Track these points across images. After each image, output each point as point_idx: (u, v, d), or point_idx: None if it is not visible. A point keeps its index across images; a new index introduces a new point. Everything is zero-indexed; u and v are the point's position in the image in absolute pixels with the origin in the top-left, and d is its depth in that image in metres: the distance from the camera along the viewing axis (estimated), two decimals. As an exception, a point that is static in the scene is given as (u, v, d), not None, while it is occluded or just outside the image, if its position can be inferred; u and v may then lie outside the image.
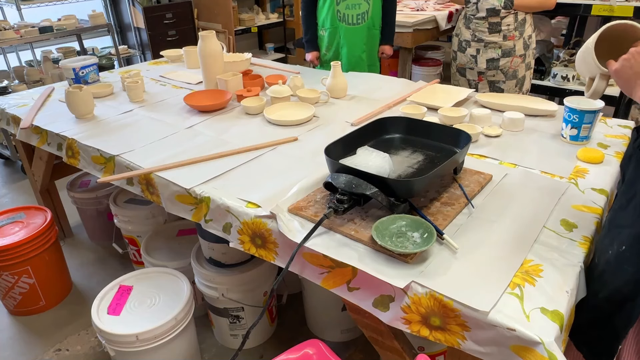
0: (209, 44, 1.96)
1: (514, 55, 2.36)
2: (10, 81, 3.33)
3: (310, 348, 1.05)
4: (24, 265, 1.94)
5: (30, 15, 3.48)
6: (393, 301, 0.99)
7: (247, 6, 4.77)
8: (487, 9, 2.30)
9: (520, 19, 2.30)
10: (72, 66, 2.18)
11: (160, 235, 2.00)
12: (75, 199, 2.37)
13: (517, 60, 2.37)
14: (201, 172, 1.40)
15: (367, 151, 1.23)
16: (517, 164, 1.39)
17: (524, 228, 1.10)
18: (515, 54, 2.36)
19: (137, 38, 4.16)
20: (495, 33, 2.32)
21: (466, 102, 1.90)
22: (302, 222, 1.14)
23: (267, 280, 1.74)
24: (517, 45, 2.34)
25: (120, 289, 1.62)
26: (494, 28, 2.32)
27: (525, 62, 2.40)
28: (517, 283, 0.94)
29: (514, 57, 2.36)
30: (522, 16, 2.31)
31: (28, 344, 1.90)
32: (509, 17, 2.29)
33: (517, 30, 2.31)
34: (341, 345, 1.82)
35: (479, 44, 2.38)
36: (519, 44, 2.34)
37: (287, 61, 4.80)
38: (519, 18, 2.30)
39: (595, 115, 1.46)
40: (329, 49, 2.60)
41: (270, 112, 1.77)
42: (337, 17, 2.49)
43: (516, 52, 2.35)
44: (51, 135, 1.80)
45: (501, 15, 2.29)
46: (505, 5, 2.26)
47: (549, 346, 0.82)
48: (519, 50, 2.36)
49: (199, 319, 1.91)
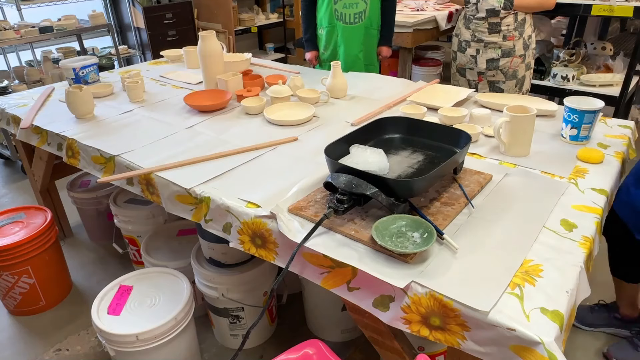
0: (209, 44, 1.96)
1: (514, 56, 2.35)
2: (10, 81, 3.33)
3: (310, 348, 1.05)
4: (24, 265, 1.94)
5: (30, 15, 3.48)
6: (393, 301, 0.99)
7: (247, 6, 4.77)
8: (487, 10, 2.29)
9: (520, 19, 2.30)
10: (72, 66, 2.18)
11: (160, 235, 2.00)
12: (75, 199, 2.37)
13: (517, 60, 2.36)
14: (201, 172, 1.40)
15: (360, 149, 1.23)
16: (517, 164, 1.39)
17: (524, 228, 1.10)
18: (515, 54, 2.35)
19: (137, 38, 4.16)
20: (495, 33, 2.32)
21: (466, 102, 1.90)
22: (302, 222, 1.14)
23: (267, 280, 1.74)
24: (517, 45, 2.33)
25: (120, 289, 1.62)
26: (493, 28, 2.31)
27: (525, 62, 2.39)
28: (517, 283, 0.94)
29: (514, 57, 2.35)
30: (522, 16, 2.30)
31: (28, 344, 1.90)
32: (508, 18, 2.29)
33: (517, 31, 2.31)
34: (341, 345, 1.82)
35: (479, 44, 2.37)
36: (519, 44, 2.33)
37: (287, 61, 4.80)
38: (518, 18, 2.30)
39: (595, 115, 1.46)
40: (327, 48, 2.60)
41: (270, 112, 1.77)
42: (335, 15, 2.50)
43: (516, 52, 2.34)
44: (51, 135, 1.80)
45: (501, 16, 2.28)
46: (505, 6, 2.25)
47: (549, 346, 0.82)
48: (519, 51, 2.35)
49: (199, 319, 1.91)
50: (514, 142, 1.42)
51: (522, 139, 1.42)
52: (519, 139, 1.41)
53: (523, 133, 1.41)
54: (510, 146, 1.43)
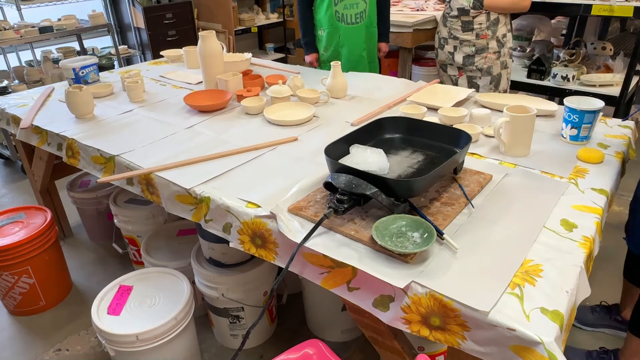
0: (209, 44, 1.96)
1: (488, 52, 2.40)
2: (10, 81, 3.33)
3: (310, 348, 1.05)
4: (24, 265, 1.94)
5: (30, 15, 3.48)
6: (393, 301, 0.99)
7: (247, 6, 4.77)
8: (458, 8, 2.37)
9: (492, 18, 2.34)
10: (72, 66, 2.18)
11: (160, 235, 2.00)
12: (75, 199, 2.37)
13: (491, 56, 2.41)
14: (201, 172, 1.40)
15: (360, 149, 1.23)
16: (517, 164, 1.39)
17: (524, 228, 1.10)
18: (489, 50, 2.40)
19: (137, 38, 4.16)
20: (468, 31, 2.38)
21: (466, 102, 1.90)
22: (302, 222, 1.14)
23: (267, 280, 1.74)
24: (490, 43, 2.39)
25: (120, 289, 1.62)
26: (466, 26, 2.37)
27: (500, 59, 2.43)
28: (517, 283, 0.94)
29: (488, 53, 2.40)
30: (495, 16, 2.34)
31: (28, 344, 1.90)
32: (480, 17, 2.33)
33: (490, 30, 2.35)
34: (341, 345, 1.82)
35: (455, 42, 2.44)
36: (492, 43, 2.39)
37: (287, 61, 4.80)
38: (491, 18, 2.34)
39: (595, 115, 1.46)
40: (327, 49, 2.61)
41: (270, 112, 1.77)
42: (336, 17, 2.50)
43: (489, 49, 2.40)
44: (51, 135, 1.80)
45: (472, 15, 2.34)
46: (474, 6, 2.31)
47: (549, 346, 0.82)
48: (493, 48, 2.40)
49: (199, 319, 1.91)
50: (514, 142, 1.42)
51: (522, 139, 1.42)
52: (519, 139, 1.41)
53: (523, 133, 1.41)
54: (510, 146, 1.43)
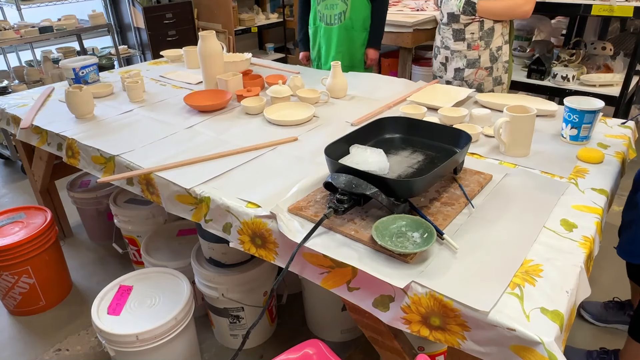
0: (209, 44, 1.96)
1: (479, 67, 2.12)
2: (10, 81, 3.33)
3: (310, 348, 1.05)
4: (24, 265, 1.94)
5: (30, 15, 3.48)
6: (393, 301, 0.99)
7: (247, 6, 4.77)
8: (448, 14, 2.10)
9: (486, 28, 2.05)
10: (72, 66, 2.18)
11: (160, 235, 2.00)
12: (75, 199, 2.37)
13: (482, 72, 2.13)
14: (201, 172, 1.40)
15: (360, 149, 1.23)
16: (517, 164, 1.39)
17: (524, 228, 1.10)
18: (480, 65, 2.12)
19: (137, 38, 4.16)
20: (459, 41, 2.11)
21: (466, 102, 1.90)
22: (302, 222, 1.14)
23: (267, 280, 1.74)
24: (482, 56, 2.10)
25: (120, 289, 1.62)
26: (457, 35, 2.10)
27: (492, 76, 2.15)
28: (517, 283, 0.94)
29: (479, 69, 2.13)
30: (490, 25, 2.05)
31: (28, 344, 1.90)
32: (473, 25, 2.05)
33: (483, 40, 2.07)
34: (341, 345, 1.82)
35: (447, 52, 2.18)
36: (485, 55, 2.10)
37: (287, 61, 4.80)
38: (485, 27, 2.05)
39: (595, 115, 1.46)
40: (313, 48, 2.66)
41: (270, 112, 1.77)
42: (318, 16, 2.53)
43: (481, 63, 2.12)
44: (51, 135, 1.80)
45: (463, 22, 2.06)
46: (465, 11, 2.03)
47: (549, 346, 0.82)
48: (485, 62, 2.11)
49: (199, 319, 1.91)
50: (514, 142, 1.42)
51: (522, 139, 1.42)
52: (519, 139, 1.41)
53: (523, 133, 1.41)
54: (510, 146, 1.43)
